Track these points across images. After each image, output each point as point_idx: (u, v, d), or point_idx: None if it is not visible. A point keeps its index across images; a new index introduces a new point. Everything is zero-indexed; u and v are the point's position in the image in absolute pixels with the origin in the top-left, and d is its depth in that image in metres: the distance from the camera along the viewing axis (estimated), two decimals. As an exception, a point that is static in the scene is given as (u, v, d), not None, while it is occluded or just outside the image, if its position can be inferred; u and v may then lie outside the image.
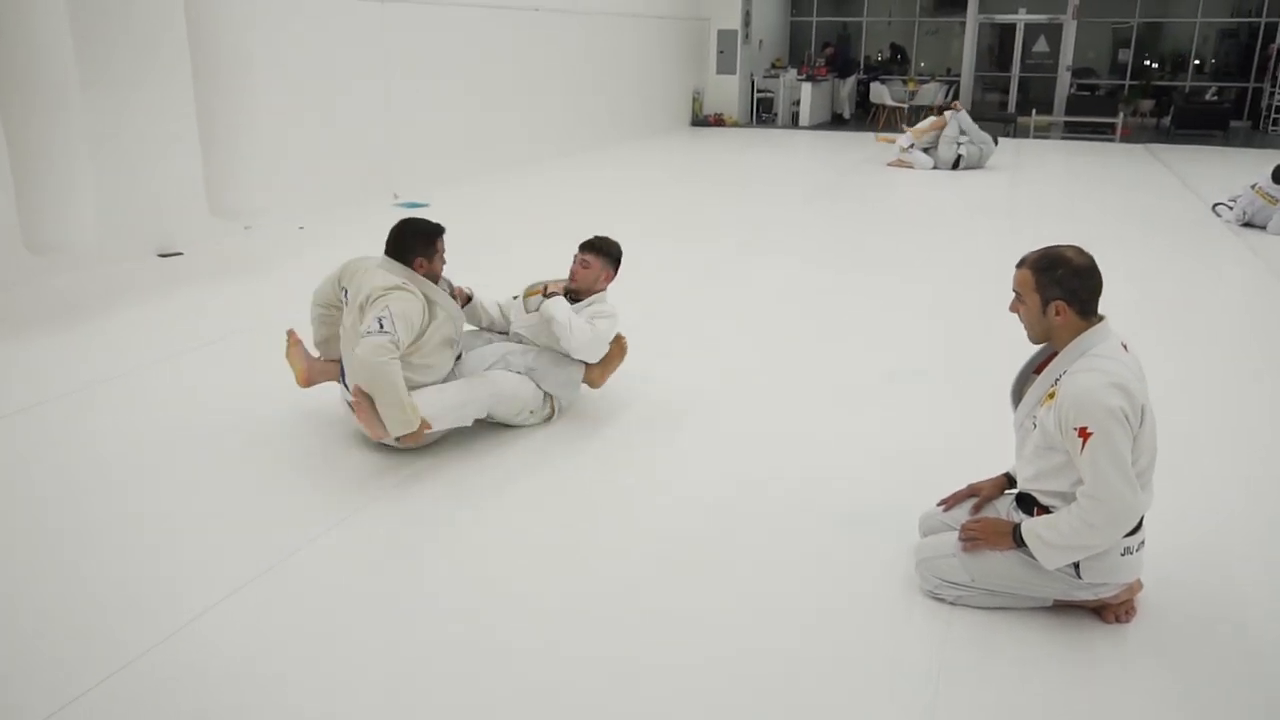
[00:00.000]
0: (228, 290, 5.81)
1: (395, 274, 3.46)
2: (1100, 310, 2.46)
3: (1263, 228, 7.96)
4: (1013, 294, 2.52)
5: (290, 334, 3.85)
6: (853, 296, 5.97)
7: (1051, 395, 2.40)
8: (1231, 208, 8.35)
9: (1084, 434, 2.29)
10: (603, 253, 3.92)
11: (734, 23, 16.93)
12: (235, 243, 6.88)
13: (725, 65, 17.20)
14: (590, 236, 3.97)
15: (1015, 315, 2.54)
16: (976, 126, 11.64)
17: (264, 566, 2.81)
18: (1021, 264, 2.49)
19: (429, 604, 2.67)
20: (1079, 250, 2.45)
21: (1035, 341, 2.54)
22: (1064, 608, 2.60)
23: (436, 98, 9.58)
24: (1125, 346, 2.44)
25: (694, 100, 17.11)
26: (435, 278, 3.58)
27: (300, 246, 6.99)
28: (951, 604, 2.63)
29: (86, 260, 5.79)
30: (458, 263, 4.00)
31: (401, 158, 9.07)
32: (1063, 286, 2.39)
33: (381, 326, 3.23)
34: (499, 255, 6.64)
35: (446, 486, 3.35)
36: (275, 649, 2.46)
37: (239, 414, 3.95)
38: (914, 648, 2.48)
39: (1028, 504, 2.57)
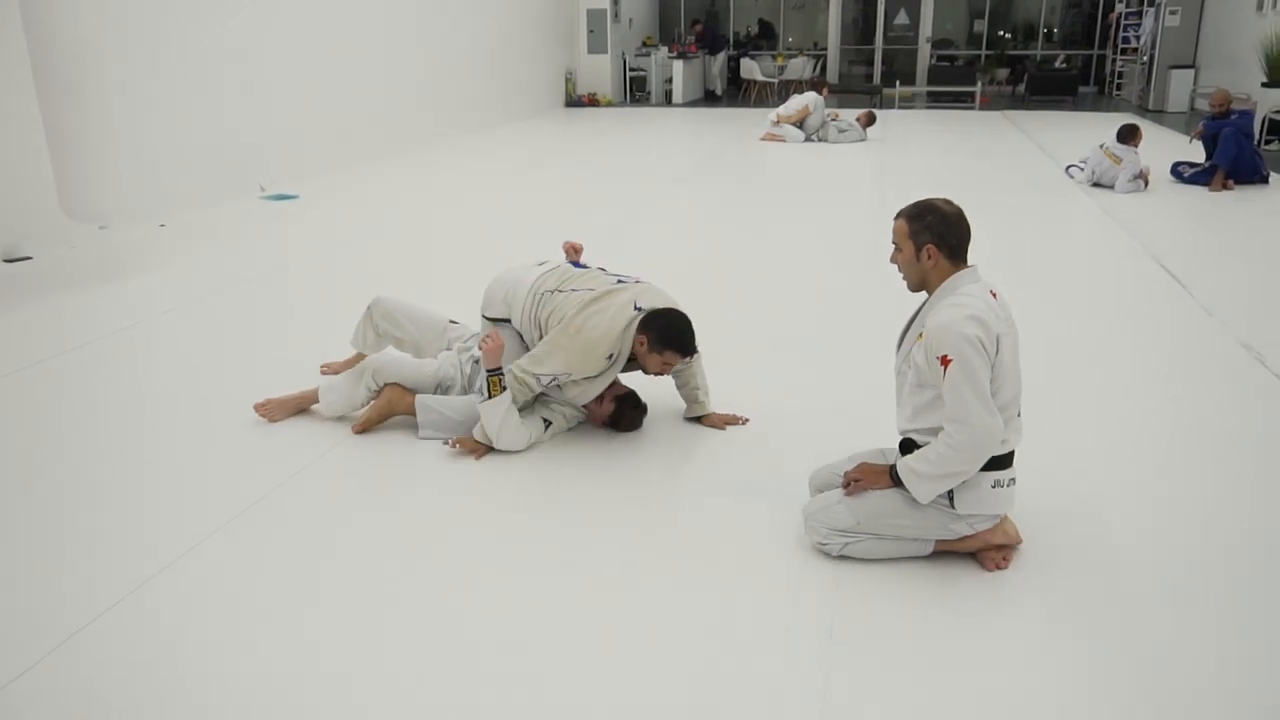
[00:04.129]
0: (84, 294, 5.49)
1: (614, 328, 3.29)
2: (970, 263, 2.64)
3: (1110, 187, 8.41)
4: (892, 246, 2.68)
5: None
6: (730, 267, 6.05)
7: (921, 335, 2.57)
8: (1083, 169, 8.80)
9: (945, 361, 2.47)
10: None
11: (603, 2, 16.88)
12: (91, 245, 6.51)
13: (596, 45, 17.15)
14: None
15: (895, 267, 2.69)
16: (851, 121, 11.87)
17: (124, 592, 2.69)
18: (898, 216, 2.67)
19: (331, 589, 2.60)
20: (948, 201, 2.66)
21: (913, 289, 2.69)
22: (946, 559, 2.72)
23: (301, 84, 9.25)
24: (994, 294, 2.60)
25: (567, 81, 17.01)
26: (629, 359, 3.40)
27: (162, 245, 6.67)
28: (838, 557, 2.72)
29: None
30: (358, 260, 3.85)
31: (267, 148, 8.73)
32: (932, 231, 2.58)
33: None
34: (380, 241, 6.47)
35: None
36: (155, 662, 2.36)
37: (107, 424, 3.76)
38: (806, 610, 2.54)
39: (909, 449, 2.69)
